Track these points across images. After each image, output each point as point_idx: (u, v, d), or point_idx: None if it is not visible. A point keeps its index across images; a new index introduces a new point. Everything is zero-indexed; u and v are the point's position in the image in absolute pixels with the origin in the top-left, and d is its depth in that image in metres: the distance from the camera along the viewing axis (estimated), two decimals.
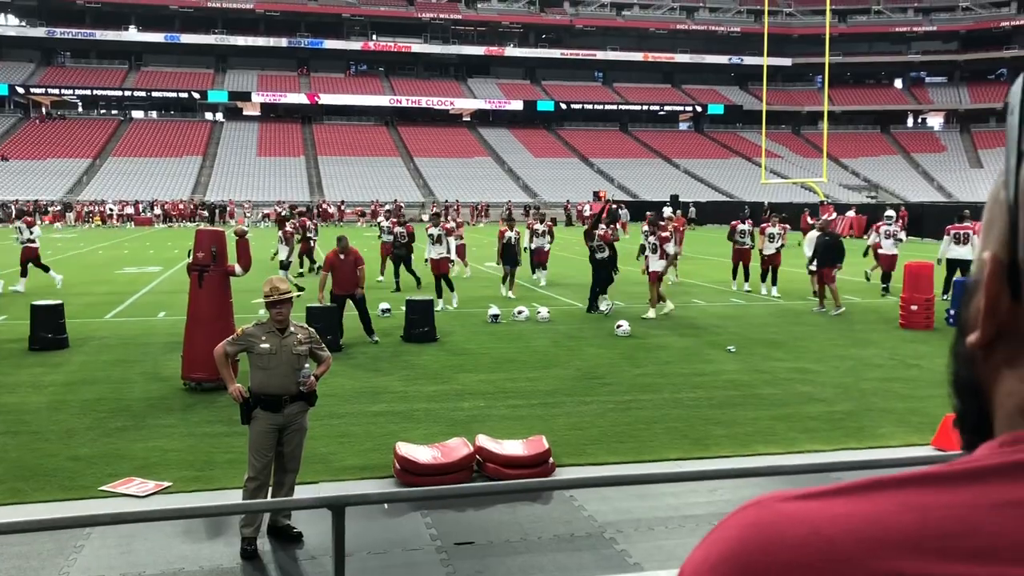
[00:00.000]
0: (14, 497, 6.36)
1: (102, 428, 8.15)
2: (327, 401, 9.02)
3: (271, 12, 79.30)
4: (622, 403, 9.15)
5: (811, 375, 10.58)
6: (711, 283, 20.53)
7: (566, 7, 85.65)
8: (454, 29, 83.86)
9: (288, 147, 72.71)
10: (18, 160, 64.28)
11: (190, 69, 79.26)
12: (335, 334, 12.13)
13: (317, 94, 78.24)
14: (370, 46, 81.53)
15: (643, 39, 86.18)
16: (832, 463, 6.41)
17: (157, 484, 6.65)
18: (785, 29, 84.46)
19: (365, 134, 77.03)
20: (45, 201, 54.97)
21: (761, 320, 15.15)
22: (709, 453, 7.48)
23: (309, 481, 6.60)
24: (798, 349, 12.35)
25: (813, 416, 8.69)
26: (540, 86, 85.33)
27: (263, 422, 5.55)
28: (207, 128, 76.29)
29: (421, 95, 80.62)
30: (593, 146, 78.28)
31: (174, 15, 77.98)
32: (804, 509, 0.52)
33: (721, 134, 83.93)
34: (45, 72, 76.63)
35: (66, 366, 11.04)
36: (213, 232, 10.19)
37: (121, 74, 77.93)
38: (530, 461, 6.87)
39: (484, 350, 11.93)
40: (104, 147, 69.65)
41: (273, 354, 5.57)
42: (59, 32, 75.69)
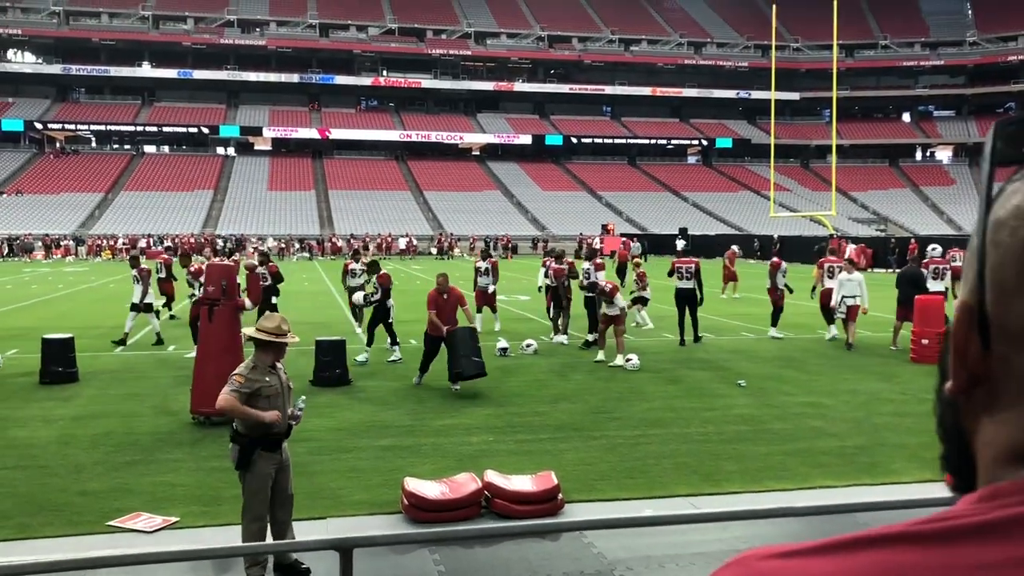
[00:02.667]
0: (22, 532, 6.35)
1: (110, 462, 8.14)
2: (335, 435, 9.01)
3: (283, 48, 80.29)
4: (631, 438, 9.09)
5: (823, 409, 10.51)
6: (722, 317, 20.48)
7: (574, 43, 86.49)
8: (464, 65, 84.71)
9: (299, 181, 73.24)
10: (32, 194, 64.90)
11: (202, 104, 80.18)
12: (343, 367, 12.13)
13: (328, 129, 78.94)
14: (380, 81, 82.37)
15: (651, 74, 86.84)
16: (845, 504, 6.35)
17: (164, 519, 6.62)
18: (792, 64, 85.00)
19: (375, 168, 77.57)
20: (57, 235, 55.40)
21: (771, 354, 15.08)
22: (720, 489, 7.41)
23: (318, 516, 6.57)
24: (809, 383, 12.28)
25: (825, 451, 8.61)
26: (549, 120, 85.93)
27: (265, 464, 5.47)
28: (219, 162, 76.97)
29: (431, 130, 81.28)
30: (601, 179, 78.61)
31: (187, 51, 79.05)
32: (785, 568, 0.52)
33: (729, 167, 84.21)
34: (60, 108, 77.62)
35: (76, 400, 11.05)
36: (223, 266, 10.24)
37: (134, 109, 78.88)
38: (539, 497, 6.81)
39: (492, 383, 11.89)
40: (116, 181, 70.29)
41: (279, 394, 5.55)
42: (74, 69, 76.80)
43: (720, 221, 69.40)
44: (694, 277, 16.07)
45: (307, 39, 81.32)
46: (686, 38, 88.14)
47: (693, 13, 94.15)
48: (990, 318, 0.55)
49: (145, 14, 78.88)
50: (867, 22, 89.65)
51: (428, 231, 62.97)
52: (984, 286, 0.56)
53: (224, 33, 79.67)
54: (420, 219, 66.53)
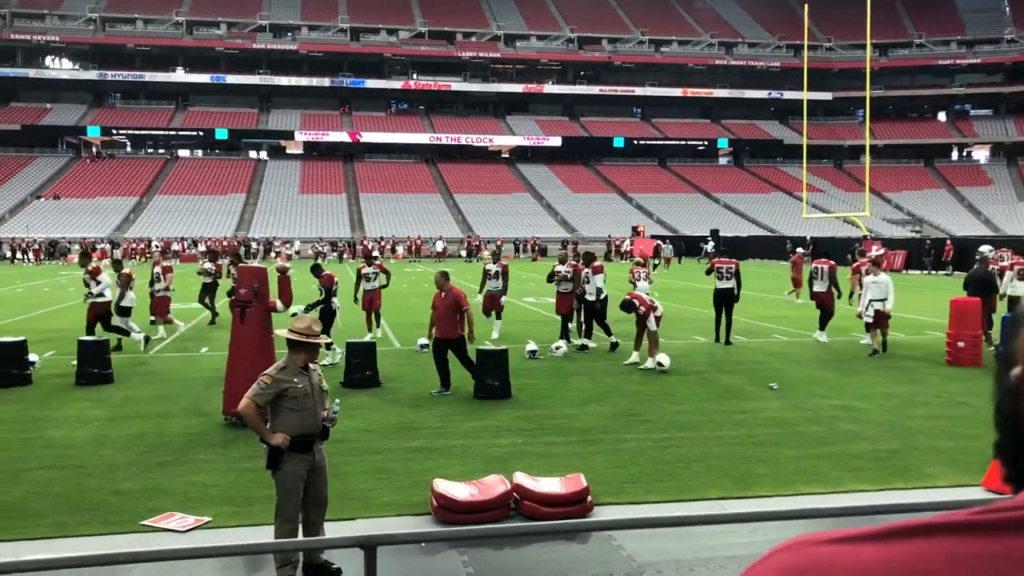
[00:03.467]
0: (59, 531, 6.44)
1: (144, 463, 8.24)
2: (365, 436, 9.05)
3: (314, 53, 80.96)
4: (661, 440, 9.04)
5: (856, 413, 10.38)
6: (754, 319, 20.31)
7: (604, 44, 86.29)
8: (493, 67, 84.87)
9: (330, 184, 73.79)
10: (69, 199, 66.01)
11: (235, 109, 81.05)
12: (373, 370, 12.18)
13: (359, 132, 79.43)
14: (411, 85, 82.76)
15: (682, 75, 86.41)
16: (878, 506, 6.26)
17: (197, 519, 6.69)
18: (825, 63, 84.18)
19: (405, 171, 77.93)
20: (93, 239, 56.24)
21: (804, 357, 14.93)
22: (751, 492, 7.34)
23: (347, 518, 6.60)
24: (842, 386, 12.14)
25: (858, 455, 8.50)
26: (578, 122, 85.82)
27: (297, 465, 5.47)
28: (251, 166, 77.76)
29: (460, 132, 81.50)
30: (632, 181, 78.35)
31: (220, 56, 79.96)
32: (839, 554, 0.50)
33: (761, 168, 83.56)
34: (96, 113, 78.84)
35: (110, 401, 11.21)
36: (255, 269, 10.33)
37: (168, 114, 79.93)
38: (568, 499, 6.79)
39: (521, 386, 11.88)
40: (151, 185, 71.26)
41: (307, 395, 5.55)
42: (110, 75, 77.99)
43: (752, 222, 68.89)
44: (734, 277, 16.04)
45: (338, 43, 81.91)
46: (717, 38, 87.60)
47: (724, 13, 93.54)
48: None
49: (179, 20, 79.90)
50: (901, 21, 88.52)
51: (458, 234, 63.14)
52: None
53: (256, 38, 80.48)
54: (450, 222, 66.73)
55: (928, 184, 78.89)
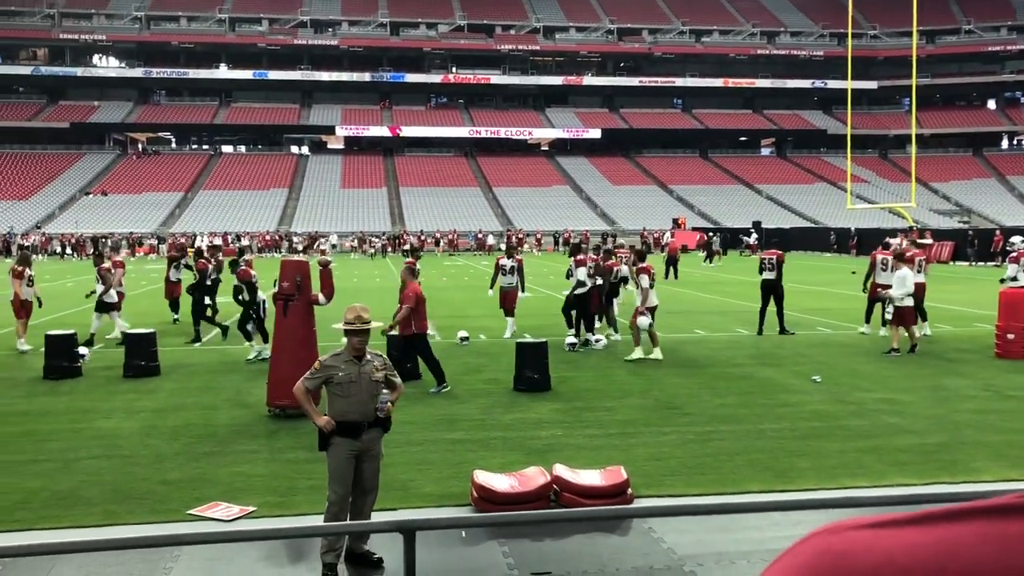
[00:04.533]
0: (108, 519, 6.59)
1: (190, 453, 8.39)
2: (406, 428, 9.12)
3: (354, 48, 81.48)
4: (702, 434, 8.99)
5: (900, 406, 10.23)
6: (797, 311, 20.08)
7: (644, 35, 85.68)
8: (532, 60, 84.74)
9: (371, 179, 74.30)
10: (116, 195, 67.28)
11: (277, 104, 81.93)
12: (413, 362, 12.26)
13: (399, 127, 79.84)
14: (450, 79, 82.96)
15: (723, 65, 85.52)
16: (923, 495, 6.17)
17: (242, 509, 6.80)
18: (870, 52, 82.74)
19: (445, 165, 78.19)
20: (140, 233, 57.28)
21: (848, 349, 14.74)
22: (793, 486, 7.28)
23: (388, 508, 6.66)
24: (886, 379, 11.96)
25: (903, 448, 8.38)
26: (618, 114, 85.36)
27: (342, 449, 5.63)
28: (293, 161, 78.58)
29: (500, 126, 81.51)
30: (672, 173, 77.77)
31: (262, 53, 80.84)
32: (877, 537, 0.50)
33: (805, 159, 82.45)
34: (142, 110, 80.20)
35: (157, 392, 11.43)
36: (298, 262, 10.44)
37: (212, 110, 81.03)
38: (608, 491, 6.79)
39: (561, 378, 11.89)
40: (196, 180, 72.35)
41: (353, 382, 5.65)
42: (155, 72, 79.27)
43: (795, 214, 68.05)
44: (775, 268, 15.91)
45: (378, 38, 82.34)
46: (759, 28, 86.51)
47: (766, 2, 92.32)
48: None
49: (222, 17, 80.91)
50: (949, 7, 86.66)
51: (497, 227, 63.21)
52: None
53: (298, 34, 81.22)
54: (489, 215, 66.83)
55: (977, 173, 77.21)
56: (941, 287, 25.44)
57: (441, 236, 57.64)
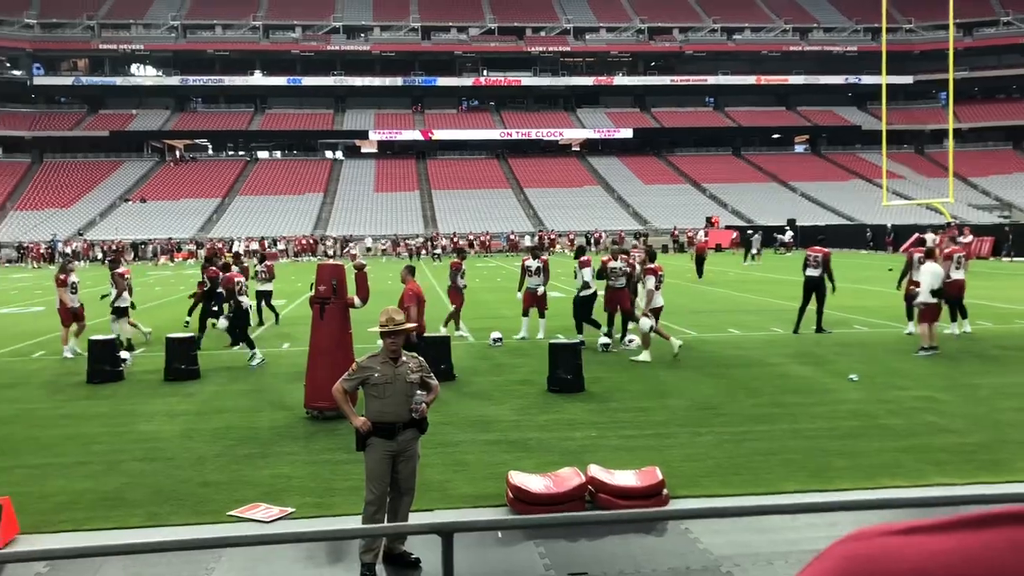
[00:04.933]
0: (151, 520, 6.73)
1: (230, 455, 8.53)
2: (441, 429, 9.19)
3: (387, 53, 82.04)
4: (738, 434, 8.96)
5: (939, 404, 10.11)
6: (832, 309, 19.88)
7: (675, 34, 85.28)
8: (563, 61, 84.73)
9: (403, 182, 74.73)
10: (155, 201, 68.33)
11: (311, 110, 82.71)
12: (448, 363, 12.34)
13: (431, 130, 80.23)
14: (481, 81, 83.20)
15: (755, 62, 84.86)
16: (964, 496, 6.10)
17: (281, 510, 6.90)
18: (905, 46, 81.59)
19: (476, 167, 78.41)
20: (178, 239, 58.12)
21: (885, 348, 14.57)
22: (830, 486, 7.23)
23: (424, 509, 6.73)
24: (925, 378, 11.82)
25: (943, 448, 8.29)
26: (650, 113, 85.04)
27: (379, 449, 5.71)
28: (327, 166, 79.27)
29: (531, 127, 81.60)
30: (705, 171, 77.30)
31: (296, 59, 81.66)
32: (907, 544, 0.49)
33: (839, 155, 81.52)
34: (179, 118, 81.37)
35: (198, 396, 11.61)
36: (334, 266, 10.57)
37: (247, 117, 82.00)
38: (643, 492, 6.80)
39: (594, 378, 11.90)
40: (232, 186, 73.25)
41: (388, 383, 5.73)
42: (191, 80, 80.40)
43: (830, 211, 67.29)
44: (822, 266, 15.79)
45: (410, 42, 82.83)
46: (791, 24, 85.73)
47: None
48: None
49: (256, 24, 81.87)
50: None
51: (529, 228, 63.26)
52: None
53: (330, 40, 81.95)
54: (521, 216, 66.90)
55: (1017, 167, 75.76)
56: (981, 283, 25.02)
57: (474, 238, 57.80)
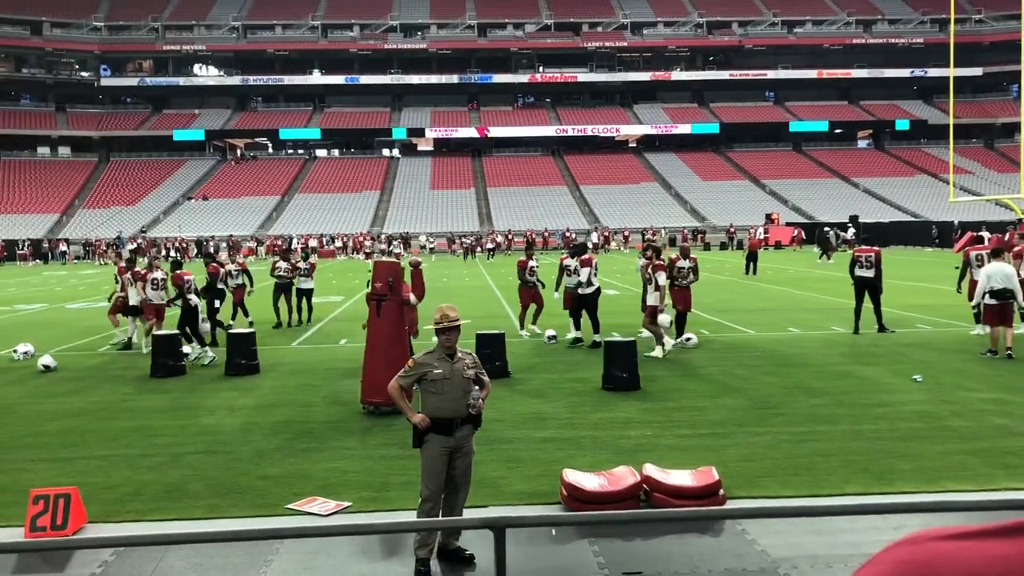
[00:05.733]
0: (213, 512, 6.87)
1: (289, 449, 8.66)
2: (496, 426, 9.21)
3: (443, 51, 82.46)
4: (797, 434, 8.80)
5: (1008, 407, 9.80)
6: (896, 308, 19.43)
7: (734, 28, 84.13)
8: (619, 56, 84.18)
9: (459, 179, 75.07)
10: (217, 199, 69.77)
11: (369, 108, 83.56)
12: (502, 360, 12.36)
13: (486, 127, 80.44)
14: (537, 78, 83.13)
15: (816, 56, 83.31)
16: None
17: (338, 504, 6.99)
18: (974, 37, 79.30)
19: (532, 164, 78.39)
20: (239, 236, 59.25)
21: (951, 347, 14.18)
22: (892, 488, 7.06)
23: (479, 505, 6.75)
24: (993, 378, 11.47)
25: (1011, 451, 8.03)
26: (708, 108, 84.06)
27: (436, 445, 5.73)
28: (384, 164, 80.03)
29: (587, 123, 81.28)
30: (764, 167, 76.13)
31: (353, 58, 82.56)
32: (961, 549, 0.49)
33: (904, 151, 79.58)
34: (240, 117, 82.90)
35: (257, 391, 11.82)
36: (390, 264, 10.66)
37: (306, 115, 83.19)
38: (699, 492, 6.72)
39: (650, 377, 11.80)
40: (291, 184, 74.40)
41: (447, 379, 5.75)
42: (252, 79, 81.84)
43: (894, 207, 65.76)
44: (874, 266, 15.42)
45: (466, 40, 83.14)
46: (854, 16, 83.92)
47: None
48: None
49: (314, 24, 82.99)
50: None
51: (584, 225, 63.04)
52: None
53: (388, 38, 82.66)
54: (576, 214, 66.71)
55: None
56: None
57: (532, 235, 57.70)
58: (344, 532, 5.44)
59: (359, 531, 5.84)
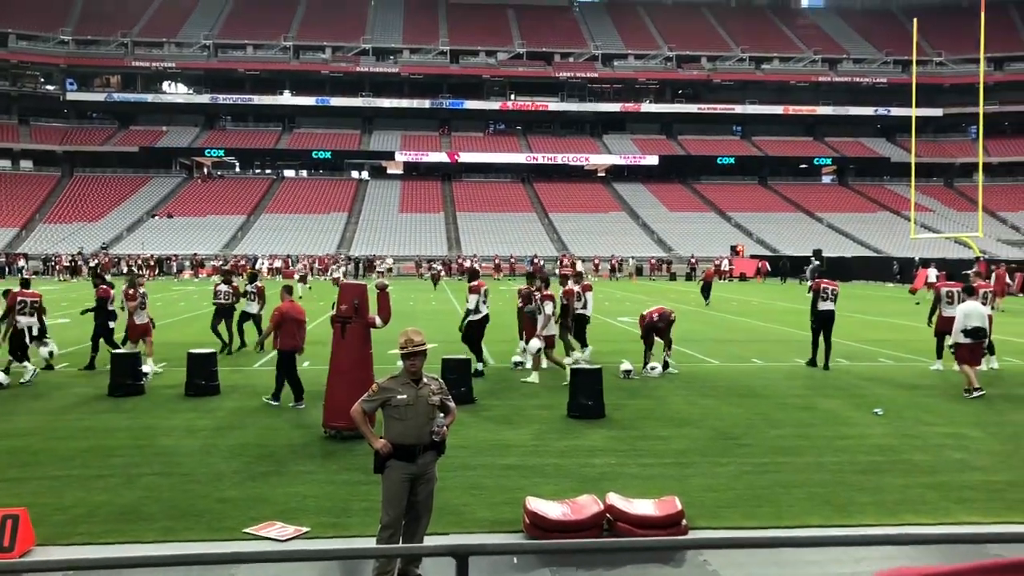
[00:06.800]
0: (167, 535, 6.71)
1: (248, 472, 8.51)
2: (459, 453, 9.13)
3: (415, 75, 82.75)
4: (759, 465, 8.83)
5: (967, 441, 9.92)
6: (857, 342, 19.67)
7: (703, 62, 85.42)
8: (590, 87, 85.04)
9: (428, 204, 75.06)
10: (181, 217, 69.04)
11: (338, 130, 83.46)
12: (467, 386, 12.29)
13: (457, 152, 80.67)
14: (508, 105, 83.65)
15: (783, 92, 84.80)
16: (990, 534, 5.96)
17: (296, 529, 6.87)
18: (935, 79, 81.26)
19: (502, 190, 78.66)
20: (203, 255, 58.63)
21: (911, 382, 14.37)
22: (853, 521, 7.10)
23: (441, 532, 6.67)
24: (951, 413, 11.62)
25: (969, 485, 8.12)
26: (676, 140, 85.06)
27: (398, 472, 5.65)
28: (353, 186, 79.82)
29: (557, 152, 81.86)
30: (731, 200, 77.09)
31: (325, 80, 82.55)
32: None
33: (867, 187, 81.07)
34: (208, 135, 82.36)
35: (217, 412, 11.63)
36: (356, 285, 10.58)
37: (275, 135, 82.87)
38: (662, 522, 6.70)
39: (615, 405, 11.80)
40: (258, 204, 73.88)
41: (410, 405, 5.68)
42: (221, 98, 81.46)
43: (856, 243, 66.83)
44: (835, 299, 15.62)
45: (438, 65, 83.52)
46: (820, 54, 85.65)
47: (827, 29, 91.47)
48: None
49: (286, 44, 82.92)
50: (1017, 33, 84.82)
51: (553, 252, 63.27)
52: None
53: (360, 61, 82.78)
54: (545, 240, 66.94)
55: None
56: (1011, 320, 24.70)
57: (500, 261, 57.75)
58: (303, 557, 5.33)
59: (318, 556, 5.73)
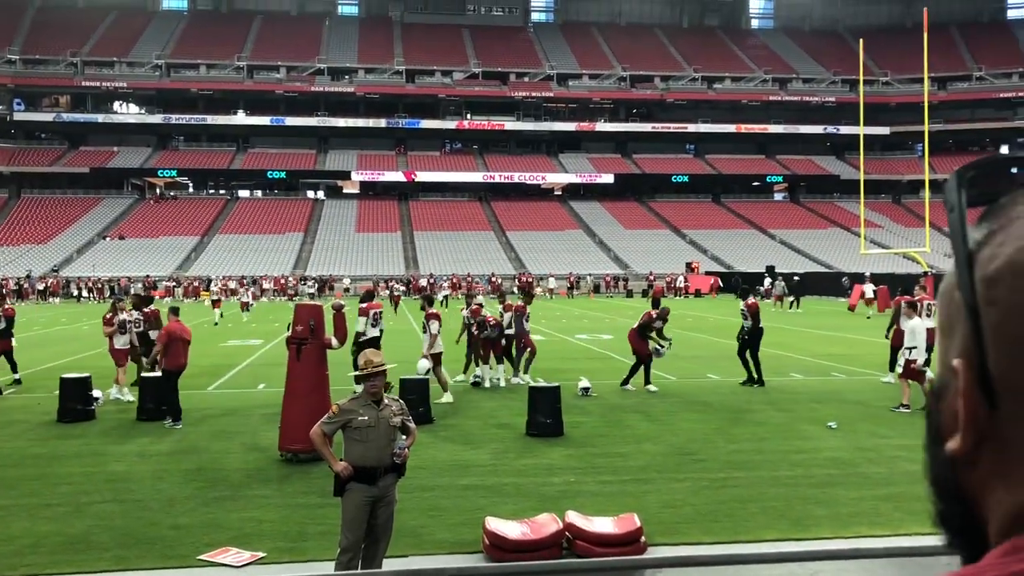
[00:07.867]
0: (119, 564, 6.56)
1: (202, 497, 8.37)
2: (417, 474, 9.07)
3: (370, 95, 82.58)
4: (716, 480, 8.90)
5: (919, 452, 9.91)
6: (811, 356, 19.96)
7: (657, 82, 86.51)
8: (546, 106, 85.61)
9: (385, 223, 74.77)
10: (133, 239, 67.91)
11: (294, 150, 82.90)
12: (426, 406, 12.24)
13: (414, 172, 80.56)
14: (464, 125, 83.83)
15: (735, 111, 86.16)
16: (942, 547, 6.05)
17: (252, 555, 6.76)
18: (882, 98, 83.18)
19: (459, 209, 78.66)
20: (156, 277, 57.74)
21: (863, 395, 14.61)
22: (809, 534, 7.19)
23: (399, 555, 6.61)
24: (904, 425, 11.84)
25: (922, 497, 8.19)
26: (631, 159, 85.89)
27: (358, 495, 5.59)
28: (309, 206, 79.23)
29: (514, 171, 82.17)
30: (685, 217, 77.96)
31: (279, 99, 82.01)
32: None
33: (818, 204, 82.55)
34: (160, 155, 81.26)
35: (170, 436, 11.42)
36: (312, 307, 10.50)
37: (229, 156, 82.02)
38: (621, 539, 6.72)
39: (574, 423, 11.82)
40: (212, 225, 72.98)
41: (371, 427, 5.63)
42: (174, 118, 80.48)
43: (808, 259, 67.93)
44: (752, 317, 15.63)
45: (394, 85, 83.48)
46: (771, 74, 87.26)
47: (777, 49, 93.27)
48: (994, 377, 0.53)
49: (240, 64, 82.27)
50: (960, 53, 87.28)
51: (511, 271, 63.36)
52: (983, 344, 0.53)
53: (315, 81, 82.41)
54: (503, 259, 67.02)
55: None
56: None
57: (457, 281, 57.47)
58: None
59: None
